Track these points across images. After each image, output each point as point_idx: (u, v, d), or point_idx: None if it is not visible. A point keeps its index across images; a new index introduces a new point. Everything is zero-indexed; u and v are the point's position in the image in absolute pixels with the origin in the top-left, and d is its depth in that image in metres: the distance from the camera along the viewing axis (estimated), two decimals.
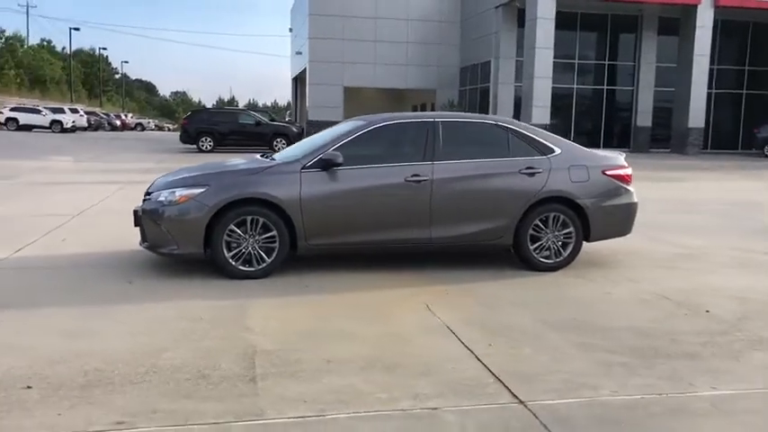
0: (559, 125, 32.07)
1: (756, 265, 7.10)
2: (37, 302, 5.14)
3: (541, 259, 6.50)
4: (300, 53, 39.76)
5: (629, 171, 6.82)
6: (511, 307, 5.30)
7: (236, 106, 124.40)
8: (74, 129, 42.76)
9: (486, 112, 33.26)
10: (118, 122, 56.84)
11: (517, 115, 30.61)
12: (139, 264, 6.41)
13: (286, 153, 6.72)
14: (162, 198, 6.01)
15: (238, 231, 5.89)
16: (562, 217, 6.49)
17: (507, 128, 6.64)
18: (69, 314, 4.85)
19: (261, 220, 5.91)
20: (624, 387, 3.74)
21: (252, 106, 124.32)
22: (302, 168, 6.05)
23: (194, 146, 24.83)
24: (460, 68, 37.14)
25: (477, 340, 4.46)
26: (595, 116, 34.09)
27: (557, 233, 6.51)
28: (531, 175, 6.42)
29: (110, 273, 6.10)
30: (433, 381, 3.78)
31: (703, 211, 11.46)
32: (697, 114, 29.90)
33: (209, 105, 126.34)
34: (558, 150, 6.61)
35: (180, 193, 5.93)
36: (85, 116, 46.38)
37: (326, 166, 6.04)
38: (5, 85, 51.17)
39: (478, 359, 4.12)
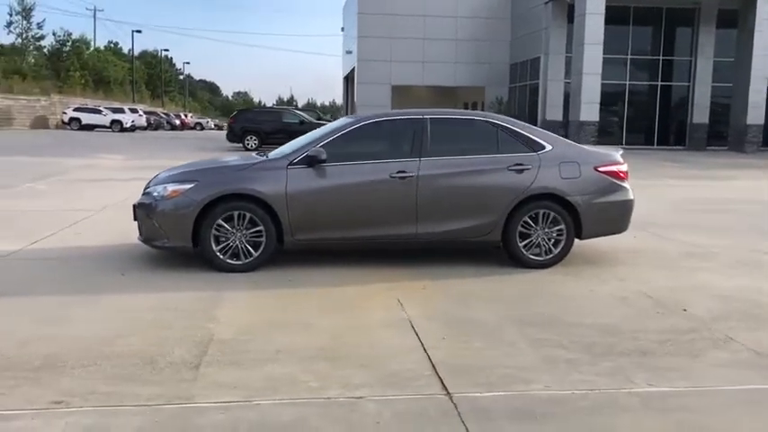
0: (611, 122, 31.48)
1: (762, 265, 6.88)
2: (28, 291, 5.43)
3: (531, 256, 6.47)
4: (350, 52, 40.13)
5: (623, 168, 6.71)
6: (484, 302, 5.32)
7: (295, 106, 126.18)
8: (133, 128, 44.25)
9: (535, 109, 32.90)
10: (177, 122, 58.54)
11: (566, 112, 30.19)
12: (139, 257, 6.67)
13: (279, 150, 6.87)
14: (156, 193, 6.26)
15: (226, 226, 6.08)
16: (552, 214, 6.45)
17: (497, 124, 6.64)
18: (53, 302, 5.13)
19: (248, 215, 6.08)
20: (560, 382, 3.74)
21: (310, 105, 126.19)
22: (289, 165, 6.20)
23: (240, 144, 25.38)
24: (510, 65, 36.82)
25: (433, 334, 4.52)
26: (649, 113, 33.24)
27: (547, 230, 6.47)
28: (520, 171, 6.40)
29: (109, 265, 6.38)
30: (372, 372, 3.86)
31: (736, 210, 11.10)
32: (756, 110, 28.80)
33: (269, 105, 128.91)
34: (548, 147, 6.57)
35: (171, 188, 6.16)
36: (144, 116, 47.92)
37: (312, 162, 6.17)
38: (71, 87, 53.32)
39: (426, 352, 4.18)
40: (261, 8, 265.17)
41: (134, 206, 6.51)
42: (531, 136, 6.60)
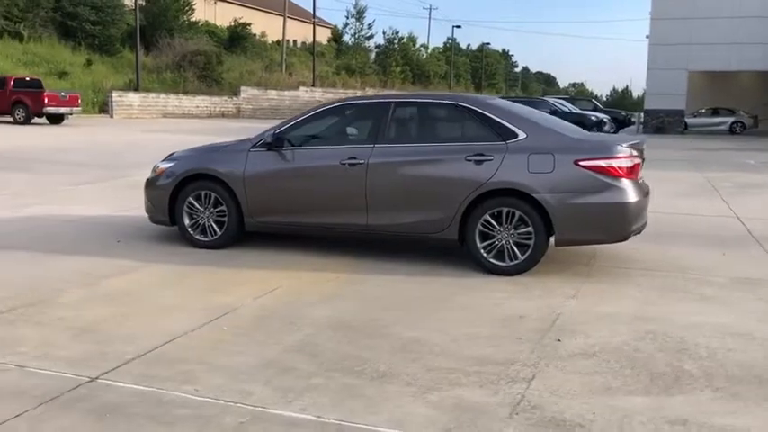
0: None
1: None
2: (28, 247, 6.38)
3: (493, 260, 5.62)
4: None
5: (617, 163, 5.41)
6: (351, 302, 4.87)
7: (629, 96, 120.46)
8: None
9: None
10: None
11: None
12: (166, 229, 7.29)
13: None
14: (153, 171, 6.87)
15: (196, 204, 6.42)
16: (518, 213, 5.52)
17: (467, 109, 5.86)
18: (15, 256, 6.03)
19: (213, 194, 6.34)
20: (216, 389, 3.37)
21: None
22: (251, 147, 6.30)
23: None
24: None
25: (222, 325, 4.34)
26: None
27: (513, 232, 5.56)
28: (479, 162, 5.59)
29: (126, 232, 7.14)
30: (91, 348, 3.88)
31: None
32: None
33: (603, 96, 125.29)
34: (521, 135, 5.61)
35: (159, 166, 6.71)
36: None
37: (269, 145, 6.19)
38: (391, 80, 58.22)
39: (174, 340, 4.06)
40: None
41: None
42: (504, 122, 5.69)
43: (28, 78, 26.02)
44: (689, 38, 32.17)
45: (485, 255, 5.64)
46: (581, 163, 5.42)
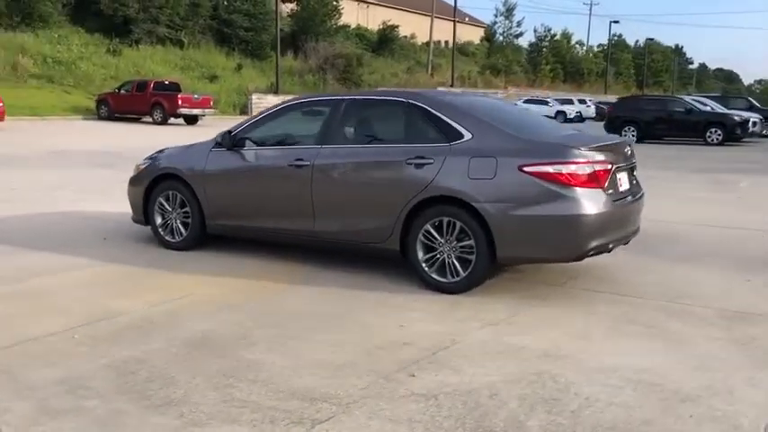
0: None
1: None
2: (3, 241, 6.62)
3: (434, 276, 5.00)
4: None
5: (569, 169, 4.59)
6: (243, 315, 4.51)
7: None
8: (581, 118, 44.41)
9: None
10: None
11: None
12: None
13: None
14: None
15: (165, 205, 6.33)
16: (458, 224, 4.87)
17: (416, 107, 5.25)
18: None
19: (178, 195, 6.22)
20: None
21: None
22: (213, 147, 6.10)
23: (617, 135, 23.56)
24: None
25: (83, 332, 4.16)
26: None
27: (455, 245, 4.91)
28: (419, 166, 4.99)
29: (124, 229, 7.19)
30: None
31: None
32: None
33: None
34: (467, 136, 4.93)
35: (140, 165, 6.69)
36: (593, 107, 47.38)
37: (228, 145, 5.95)
38: (540, 79, 56.31)
39: (19, 346, 3.93)
40: None
41: None
42: (450, 121, 5.03)
43: (167, 82, 27.95)
44: None
45: (426, 269, 5.03)
46: (525, 168, 4.66)
